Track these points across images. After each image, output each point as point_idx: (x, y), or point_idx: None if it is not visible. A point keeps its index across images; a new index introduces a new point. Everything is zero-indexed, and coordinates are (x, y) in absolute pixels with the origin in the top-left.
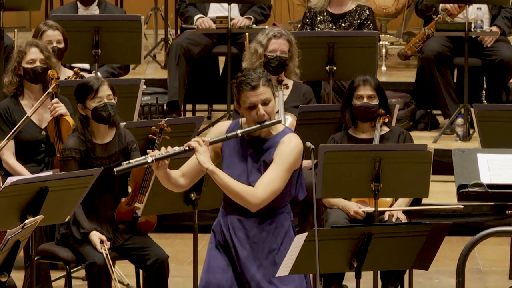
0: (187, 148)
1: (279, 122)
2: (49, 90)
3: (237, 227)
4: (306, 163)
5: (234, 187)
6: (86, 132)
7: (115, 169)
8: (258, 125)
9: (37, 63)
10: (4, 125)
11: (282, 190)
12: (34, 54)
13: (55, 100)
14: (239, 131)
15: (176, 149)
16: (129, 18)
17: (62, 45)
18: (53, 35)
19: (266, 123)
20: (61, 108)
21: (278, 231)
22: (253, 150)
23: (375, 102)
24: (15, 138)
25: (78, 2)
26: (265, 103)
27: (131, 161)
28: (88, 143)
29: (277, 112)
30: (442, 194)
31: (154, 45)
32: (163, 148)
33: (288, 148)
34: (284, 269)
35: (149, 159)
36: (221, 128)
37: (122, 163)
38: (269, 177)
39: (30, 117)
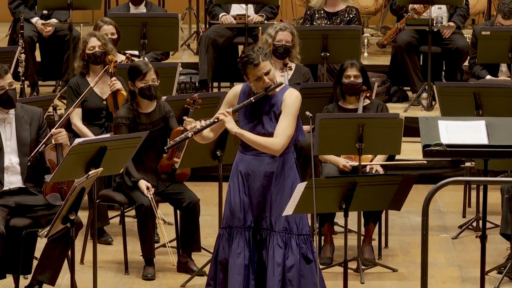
0: (216, 120)
1: (280, 84)
2: (109, 70)
3: (252, 164)
4: (306, 127)
5: (259, 141)
6: (134, 104)
7: (165, 148)
8: (265, 91)
9: (96, 49)
10: (74, 96)
11: None
12: (93, 42)
13: (114, 78)
14: (252, 98)
15: (208, 122)
16: (169, 15)
17: (115, 36)
18: (108, 29)
19: (271, 87)
20: (118, 84)
21: (284, 164)
22: (264, 105)
23: (360, 80)
24: (82, 106)
25: (130, 3)
26: (267, 73)
27: (176, 138)
28: (135, 111)
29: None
30: (410, 152)
31: (188, 36)
32: (198, 122)
33: (292, 100)
34: (289, 209)
35: (189, 134)
36: (235, 90)
37: (169, 142)
38: (283, 126)
39: (93, 87)
